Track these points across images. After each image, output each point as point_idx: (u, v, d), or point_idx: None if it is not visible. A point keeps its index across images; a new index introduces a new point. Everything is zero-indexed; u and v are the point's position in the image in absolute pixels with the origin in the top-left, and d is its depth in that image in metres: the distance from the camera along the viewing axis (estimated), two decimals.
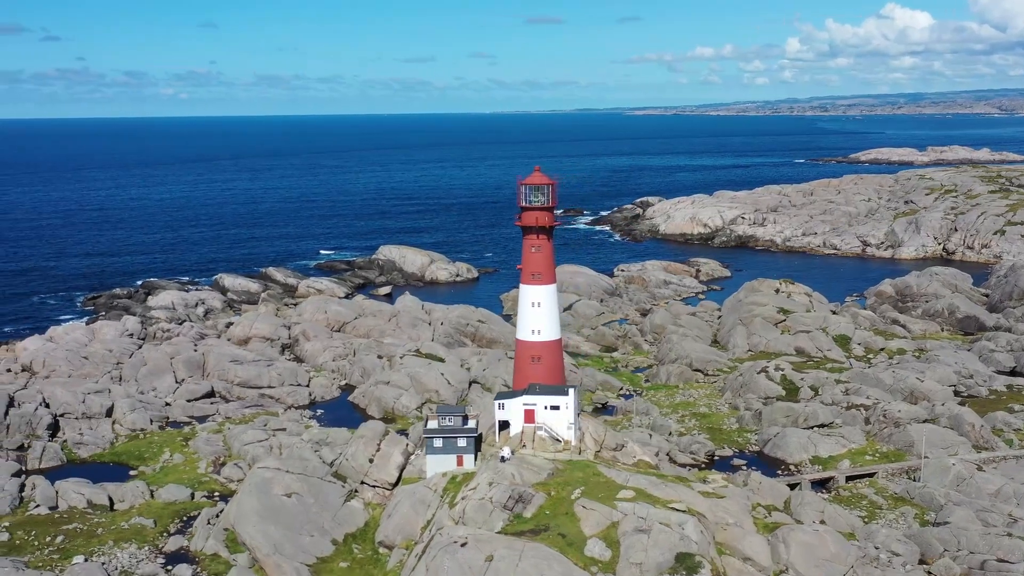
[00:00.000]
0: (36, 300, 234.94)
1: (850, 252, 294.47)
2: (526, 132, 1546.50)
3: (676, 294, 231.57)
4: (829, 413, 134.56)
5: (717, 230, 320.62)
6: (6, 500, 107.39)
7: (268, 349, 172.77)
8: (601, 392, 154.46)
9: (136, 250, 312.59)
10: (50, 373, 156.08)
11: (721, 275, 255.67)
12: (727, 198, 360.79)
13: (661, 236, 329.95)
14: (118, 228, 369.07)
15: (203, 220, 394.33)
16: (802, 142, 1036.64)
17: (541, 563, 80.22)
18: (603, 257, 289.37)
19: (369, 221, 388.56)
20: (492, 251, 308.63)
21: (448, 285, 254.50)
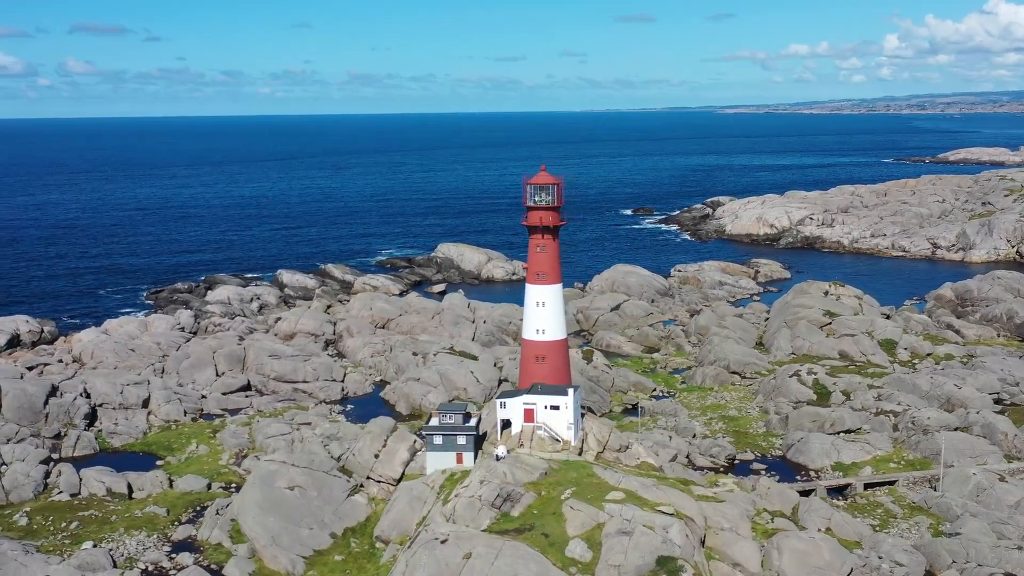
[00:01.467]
0: (103, 294, 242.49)
1: (919, 254, 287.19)
2: (615, 131, 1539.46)
3: (730, 295, 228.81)
4: (857, 419, 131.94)
5: (784, 231, 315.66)
6: (30, 486, 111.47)
7: (311, 344, 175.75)
8: (633, 393, 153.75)
9: (206, 246, 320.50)
10: (97, 364, 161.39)
11: (780, 277, 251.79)
12: (798, 198, 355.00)
13: (727, 236, 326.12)
14: (194, 224, 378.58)
15: (277, 217, 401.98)
16: (893, 141, 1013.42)
17: (517, 562, 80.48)
18: (664, 257, 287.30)
19: (442, 219, 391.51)
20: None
21: (504, 283, 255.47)
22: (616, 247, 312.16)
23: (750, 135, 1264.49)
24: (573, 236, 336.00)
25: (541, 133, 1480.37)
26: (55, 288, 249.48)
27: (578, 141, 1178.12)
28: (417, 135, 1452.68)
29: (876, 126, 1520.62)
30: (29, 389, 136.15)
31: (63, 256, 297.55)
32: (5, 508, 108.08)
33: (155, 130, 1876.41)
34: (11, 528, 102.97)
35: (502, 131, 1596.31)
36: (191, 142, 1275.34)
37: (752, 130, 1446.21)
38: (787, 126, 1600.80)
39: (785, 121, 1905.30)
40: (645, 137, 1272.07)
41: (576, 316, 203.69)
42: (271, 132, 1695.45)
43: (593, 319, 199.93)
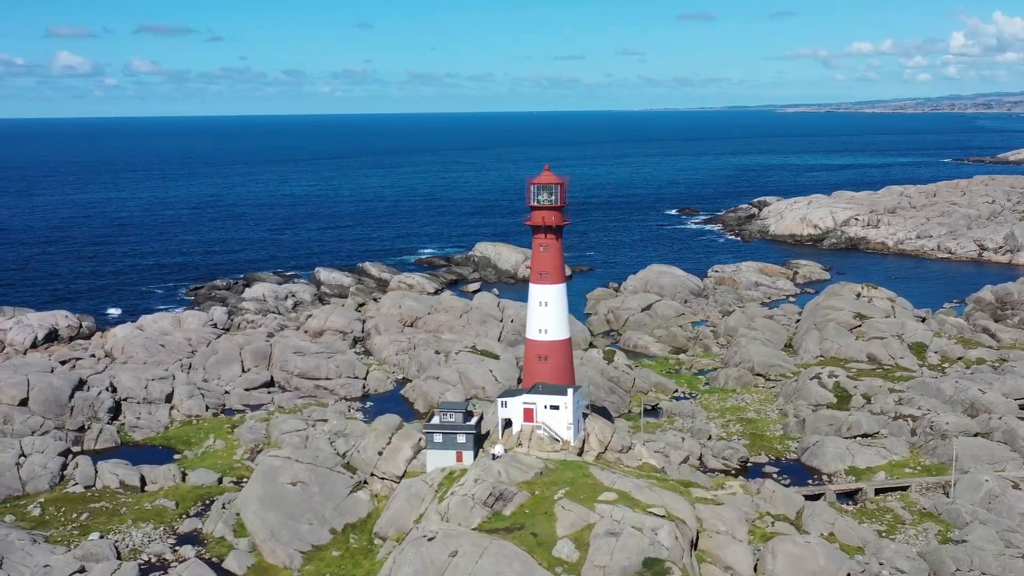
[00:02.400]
0: (145, 290, 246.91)
1: (965, 256, 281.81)
2: (672, 130, 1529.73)
3: (765, 296, 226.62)
4: (874, 423, 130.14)
5: (828, 231, 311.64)
6: (46, 477, 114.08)
7: (338, 342, 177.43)
8: (654, 394, 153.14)
9: (251, 243, 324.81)
10: (128, 359, 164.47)
11: (820, 278, 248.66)
12: (844, 198, 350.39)
13: (770, 237, 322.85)
14: (242, 222, 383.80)
15: (324, 216, 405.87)
16: (954, 141, 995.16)
17: (501, 561, 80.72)
18: (704, 258, 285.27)
19: (488, 218, 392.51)
20: (595, 249, 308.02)
21: None
22: (657, 247, 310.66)
23: (809, 134, 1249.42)
24: (615, 237, 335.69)
25: (598, 132, 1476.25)
26: (100, 284, 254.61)
27: (635, 140, 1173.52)
28: (474, 134, 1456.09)
29: (939, 125, 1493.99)
30: (55, 383, 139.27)
31: (112, 253, 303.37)
32: (21, 499, 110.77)
33: (217, 129, 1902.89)
34: (24, 518, 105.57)
35: (559, 130, 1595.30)
36: (251, 141, 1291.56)
37: (811, 129, 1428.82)
38: (847, 125, 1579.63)
39: (846, 120, 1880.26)
40: (702, 136, 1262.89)
41: (607, 316, 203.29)
42: (330, 131, 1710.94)
43: (623, 319, 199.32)
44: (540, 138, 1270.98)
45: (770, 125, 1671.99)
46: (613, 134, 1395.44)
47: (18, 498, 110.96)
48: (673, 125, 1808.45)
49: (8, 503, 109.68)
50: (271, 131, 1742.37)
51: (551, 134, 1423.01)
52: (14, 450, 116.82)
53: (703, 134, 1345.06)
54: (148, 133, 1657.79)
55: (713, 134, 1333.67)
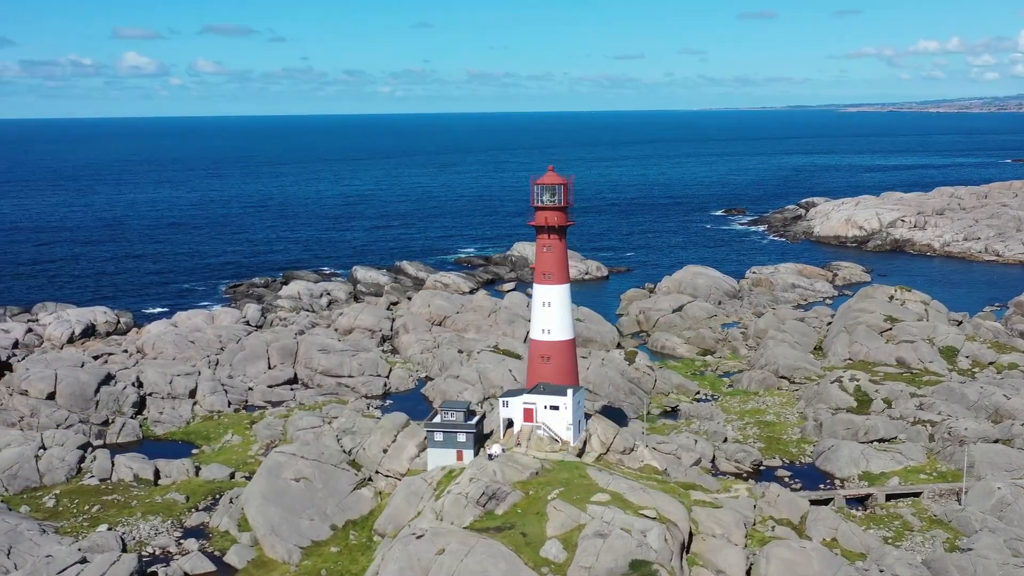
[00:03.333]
0: (186, 287, 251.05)
1: (1013, 259, 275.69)
2: (731, 130, 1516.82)
3: (802, 298, 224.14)
4: (892, 428, 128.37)
5: (873, 233, 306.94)
6: (63, 470, 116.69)
7: (366, 340, 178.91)
8: (674, 396, 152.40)
9: (296, 242, 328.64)
10: (158, 355, 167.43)
11: (860, 280, 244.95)
12: (893, 199, 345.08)
13: (815, 238, 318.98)
14: (289, 220, 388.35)
15: (371, 214, 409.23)
16: (1019, 141, 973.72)
17: (486, 560, 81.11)
18: (746, 258, 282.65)
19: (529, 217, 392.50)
20: (636, 250, 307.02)
21: (575, 283, 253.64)
22: (698, 248, 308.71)
23: (869, 134, 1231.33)
24: (658, 238, 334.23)
25: (657, 132, 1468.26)
26: (145, 281, 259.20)
27: (691, 140, 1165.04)
28: (531, 134, 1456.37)
29: (1004, 125, 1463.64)
30: (82, 377, 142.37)
31: (159, 251, 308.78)
32: (37, 490, 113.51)
33: (278, 129, 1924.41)
34: (39, 509, 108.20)
35: (617, 130, 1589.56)
36: (310, 140, 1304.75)
37: (872, 129, 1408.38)
38: (910, 125, 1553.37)
39: (908, 120, 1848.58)
40: (759, 136, 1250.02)
41: (637, 317, 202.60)
42: (390, 130, 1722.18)
43: (654, 320, 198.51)
44: (597, 138, 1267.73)
45: (830, 125, 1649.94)
46: (671, 134, 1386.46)
47: (35, 489, 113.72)
48: (732, 125, 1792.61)
49: (25, 494, 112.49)
50: (331, 130, 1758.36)
51: (609, 134, 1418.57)
52: (35, 443, 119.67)
53: (761, 134, 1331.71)
54: (211, 132, 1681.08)
55: (771, 134, 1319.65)
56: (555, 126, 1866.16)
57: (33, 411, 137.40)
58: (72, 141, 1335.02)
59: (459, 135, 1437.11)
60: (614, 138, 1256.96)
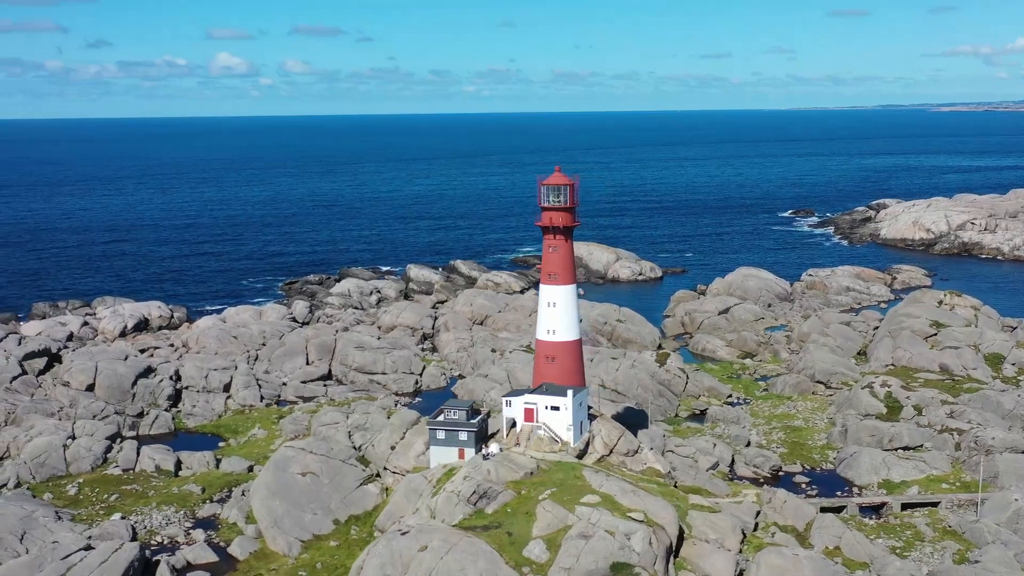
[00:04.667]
0: (244, 283, 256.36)
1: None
2: (819, 130, 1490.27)
3: (856, 302, 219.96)
4: (918, 435, 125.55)
5: (940, 236, 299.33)
6: (89, 459, 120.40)
7: (405, 338, 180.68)
8: (705, 398, 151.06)
9: (358, 240, 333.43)
10: (201, 349, 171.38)
11: (919, 284, 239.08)
12: (965, 202, 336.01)
13: (881, 241, 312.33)
14: (356, 219, 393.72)
15: (437, 213, 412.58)
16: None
17: (465, 558, 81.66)
18: (806, 260, 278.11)
19: (595, 218, 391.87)
20: (695, 251, 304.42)
21: (628, 283, 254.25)
22: (758, 250, 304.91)
23: (959, 135, 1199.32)
24: (719, 238, 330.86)
25: (742, 132, 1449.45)
26: (206, 277, 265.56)
27: (774, 140, 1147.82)
28: (615, 133, 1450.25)
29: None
30: (120, 370, 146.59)
31: (226, 247, 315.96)
32: (63, 478, 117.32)
33: (364, 128, 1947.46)
34: (60, 496, 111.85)
35: (702, 130, 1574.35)
36: (392, 139, 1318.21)
37: (964, 129, 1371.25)
38: (1004, 125, 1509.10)
39: (1003, 120, 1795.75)
40: (846, 136, 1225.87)
41: (683, 319, 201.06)
42: (472, 130, 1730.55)
43: (698, 322, 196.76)
44: (680, 138, 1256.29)
45: (921, 125, 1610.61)
46: (756, 134, 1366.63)
47: (60, 478, 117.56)
48: (819, 125, 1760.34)
49: (51, 482, 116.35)
50: (415, 130, 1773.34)
51: (692, 134, 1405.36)
52: (65, 432, 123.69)
53: (848, 134, 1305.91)
54: (297, 132, 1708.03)
55: (858, 134, 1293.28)
56: (640, 126, 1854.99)
57: (72, 402, 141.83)
58: (164, 140, 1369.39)
59: (545, 134, 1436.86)
60: (697, 138, 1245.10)
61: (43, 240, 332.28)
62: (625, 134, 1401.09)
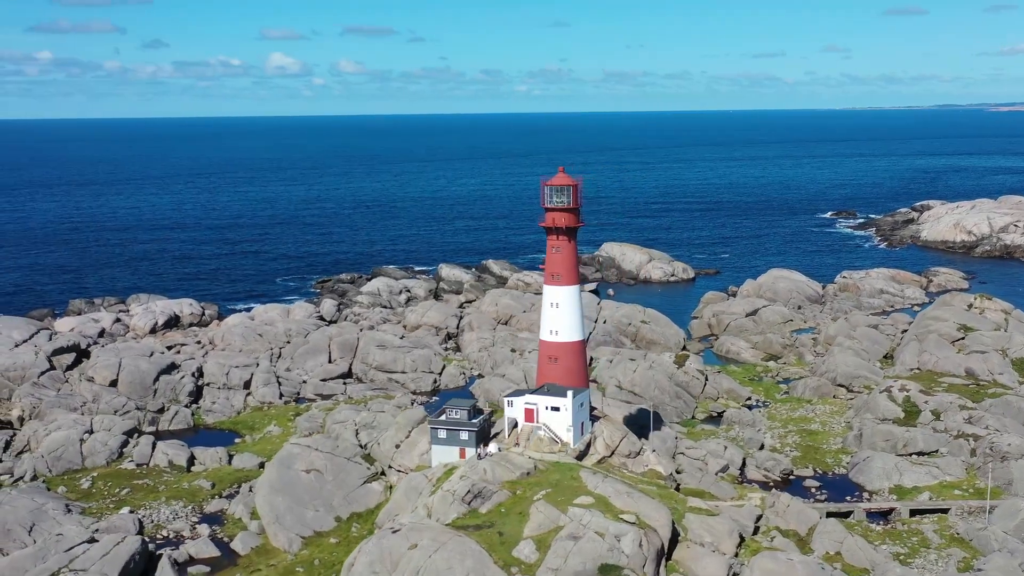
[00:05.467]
0: (279, 281, 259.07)
1: None
2: (874, 130, 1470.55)
3: (888, 305, 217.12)
4: (933, 441, 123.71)
5: (981, 238, 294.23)
6: (104, 454, 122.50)
7: (428, 337, 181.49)
8: (723, 401, 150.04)
9: (396, 239, 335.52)
10: (226, 347, 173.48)
11: (957, 287, 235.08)
12: (1010, 204, 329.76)
13: (921, 243, 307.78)
14: (396, 218, 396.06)
15: (475, 213, 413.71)
16: None
17: (453, 557, 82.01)
18: (843, 262, 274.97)
19: (633, 218, 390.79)
20: (731, 252, 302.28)
21: (660, 284, 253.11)
22: (795, 251, 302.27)
23: (1017, 135, 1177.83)
24: (757, 239, 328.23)
25: (794, 132, 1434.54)
26: (242, 275, 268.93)
27: (827, 140, 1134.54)
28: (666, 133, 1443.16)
29: None
30: (143, 366, 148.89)
31: (265, 246, 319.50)
32: (78, 472, 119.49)
33: (414, 127, 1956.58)
34: (74, 490, 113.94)
35: (754, 129, 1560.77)
36: (440, 139, 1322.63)
37: (1021, 129, 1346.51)
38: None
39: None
40: (900, 136, 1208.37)
41: (710, 320, 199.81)
42: (524, 130, 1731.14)
43: (725, 324, 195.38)
44: (731, 138, 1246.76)
45: (977, 125, 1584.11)
46: (807, 134, 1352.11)
47: (76, 471, 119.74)
48: (873, 125, 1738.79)
49: (67, 475, 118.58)
50: (464, 129, 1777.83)
51: (744, 134, 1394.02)
52: (82, 427, 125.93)
53: (902, 134, 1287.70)
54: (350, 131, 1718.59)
55: (912, 134, 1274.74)
56: (689, 126, 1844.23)
57: (95, 397, 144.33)
58: (217, 139, 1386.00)
59: (590, 135, 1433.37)
60: (746, 138, 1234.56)
61: (87, 238, 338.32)
62: (674, 134, 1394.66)
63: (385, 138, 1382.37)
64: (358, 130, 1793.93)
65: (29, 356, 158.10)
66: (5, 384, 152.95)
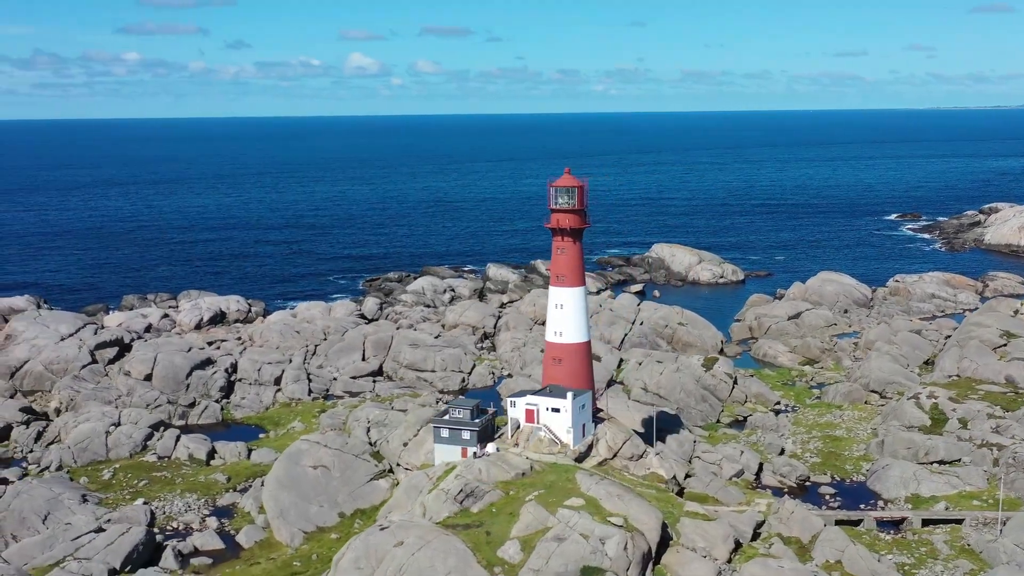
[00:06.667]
0: (330, 279, 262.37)
1: None
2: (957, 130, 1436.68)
3: (938, 309, 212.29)
4: (955, 450, 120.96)
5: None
6: (128, 446, 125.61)
7: (463, 337, 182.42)
8: (751, 405, 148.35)
9: (452, 238, 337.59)
10: (264, 343, 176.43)
11: (1015, 292, 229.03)
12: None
13: (984, 246, 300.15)
14: (455, 217, 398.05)
15: (534, 213, 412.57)
16: None
17: (436, 555, 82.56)
18: (900, 265, 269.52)
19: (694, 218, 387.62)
20: (786, 254, 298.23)
21: (708, 286, 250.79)
22: (851, 253, 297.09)
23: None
24: (815, 242, 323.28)
25: (875, 132, 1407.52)
26: (296, 272, 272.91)
27: (909, 141, 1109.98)
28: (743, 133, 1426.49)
29: None
30: (176, 361, 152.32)
31: (323, 245, 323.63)
32: (101, 463, 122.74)
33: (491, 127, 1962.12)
34: (95, 480, 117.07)
35: (834, 130, 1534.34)
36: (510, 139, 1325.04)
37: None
38: None
39: None
40: (983, 137, 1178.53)
41: (751, 323, 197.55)
42: (599, 129, 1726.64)
43: (766, 327, 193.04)
44: (809, 138, 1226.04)
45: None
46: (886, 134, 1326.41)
47: (99, 463, 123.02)
48: (957, 124, 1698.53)
49: (90, 466, 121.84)
50: (542, 129, 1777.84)
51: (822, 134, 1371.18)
52: (110, 419, 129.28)
53: (985, 134, 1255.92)
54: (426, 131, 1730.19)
55: (996, 134, 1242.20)
56: (766, 125, 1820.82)
57: (130, 390, 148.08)
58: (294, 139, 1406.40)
59: (665, 134, 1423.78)
60: (823, 138, 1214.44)
61: (151, 235, 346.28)
62: (749, 134, 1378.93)
63: (459, 138, 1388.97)
64: (434, 130, 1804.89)
65: (73, 350, 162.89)
66: (48, 377, 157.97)
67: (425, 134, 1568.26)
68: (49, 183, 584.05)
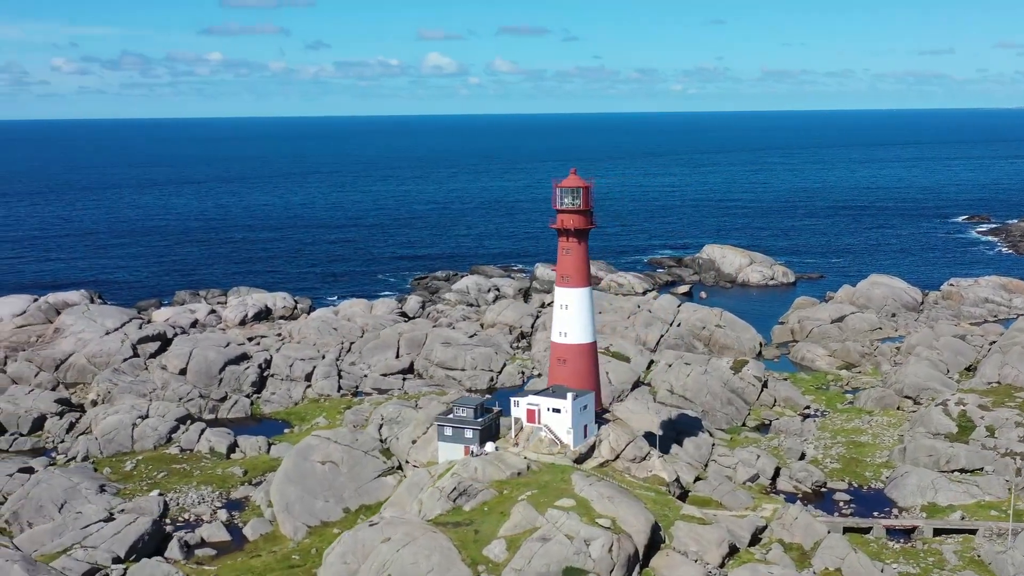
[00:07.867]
0: (380, 277, 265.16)
1: None
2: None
3: (991, 314, 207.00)
4: (977, 458, 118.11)
5: None
6: (152, 439, 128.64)
7: (498, 336, 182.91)
8: (779, 409, 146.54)
9: (506, 237, 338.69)
10: (301, 340, 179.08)
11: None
12: None
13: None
14: (512, 217, 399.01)
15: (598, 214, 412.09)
16: None
17: (420, 552, 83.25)
18: (959, 269, 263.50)
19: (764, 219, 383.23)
20: (843, 257, 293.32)
21: (757, 288, 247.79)
22: (911, 256, 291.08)
23: None
24: (873, 245, 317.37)
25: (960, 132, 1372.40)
26: (349, 270, 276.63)
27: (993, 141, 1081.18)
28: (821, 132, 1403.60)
29: None
30: (210, 356, 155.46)
31: (379, 242, 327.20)
32: (125, 455, 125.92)
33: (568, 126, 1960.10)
34: (117, 471, 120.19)
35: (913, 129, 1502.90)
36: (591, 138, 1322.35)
37: None
38: None
39: None
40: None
41: (793, 326, 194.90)
42: (675, 128, 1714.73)
43: (808, 330, 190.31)
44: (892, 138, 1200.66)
45: None
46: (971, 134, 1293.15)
47: (124, 454, 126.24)
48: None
49: (115, 458, 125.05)
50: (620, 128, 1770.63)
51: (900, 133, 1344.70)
52: (137, 412, 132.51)
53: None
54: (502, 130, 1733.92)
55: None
56: (846, 125, 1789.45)
57: (164, 384, 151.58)
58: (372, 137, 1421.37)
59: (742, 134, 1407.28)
60: (905, 139, 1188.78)
61: (214, 233, 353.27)
62: (827, 133, 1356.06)
63: (534, 137, 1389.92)
64: (510, 129, 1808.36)
65: (115, 344, 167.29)
66: (90, 369, 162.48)
67: (500, 134, 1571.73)
68: (125, 180, 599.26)
